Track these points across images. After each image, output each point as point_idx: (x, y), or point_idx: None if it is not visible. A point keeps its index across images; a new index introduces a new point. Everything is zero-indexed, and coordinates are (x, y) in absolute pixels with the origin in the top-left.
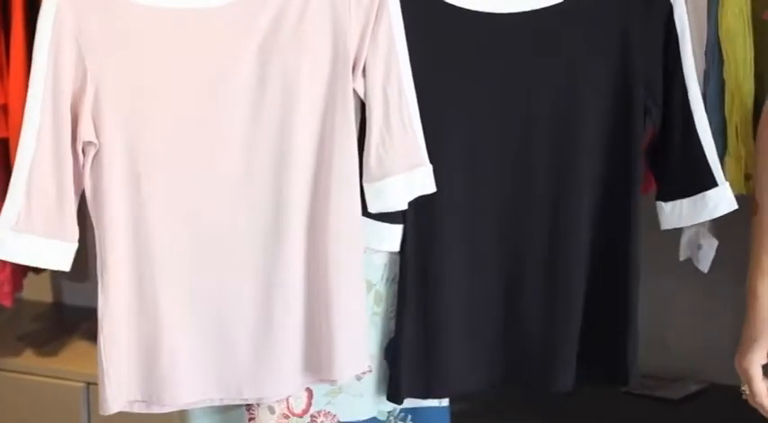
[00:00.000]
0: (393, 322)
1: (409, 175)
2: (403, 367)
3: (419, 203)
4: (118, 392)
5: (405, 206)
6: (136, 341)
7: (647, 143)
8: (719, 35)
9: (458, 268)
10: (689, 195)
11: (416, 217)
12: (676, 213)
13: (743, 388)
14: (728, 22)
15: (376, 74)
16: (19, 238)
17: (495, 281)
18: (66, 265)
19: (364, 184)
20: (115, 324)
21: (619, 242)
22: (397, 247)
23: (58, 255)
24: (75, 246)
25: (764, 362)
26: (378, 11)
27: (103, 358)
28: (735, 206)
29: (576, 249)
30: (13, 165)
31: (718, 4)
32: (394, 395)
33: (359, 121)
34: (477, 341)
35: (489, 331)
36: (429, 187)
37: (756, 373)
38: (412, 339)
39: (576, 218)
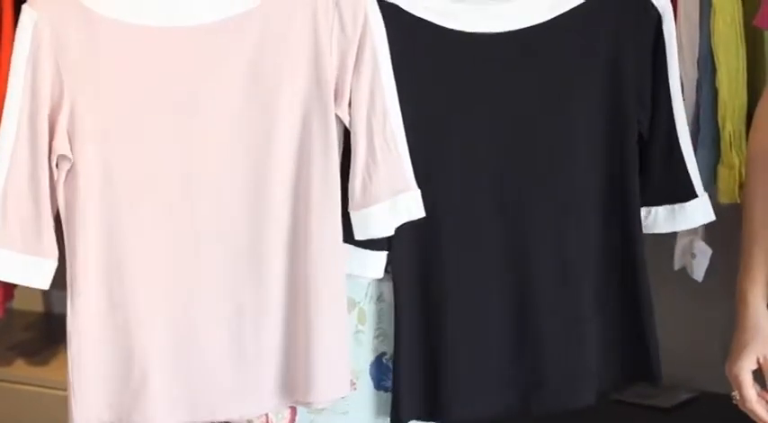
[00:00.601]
0: (378, 340)
1: (394, 200)
2: (403, 391)
3: (417, 226)
4: (87, 413)
5: (391, 232)
6: (106, 360)
7: None
8: (712, 44)
9: (460, 292)
10: (667, 203)
11: (415, 240)
12: (650, 220)
13: (733, 393)
14: (720, 31)
15: (360, 101)
16: None
17: (501, 303)
18: (44, 284)
19: (350, 212)
20: (83, 342)
21: (624, 250)
22: (380, 274)
23: (37, 272)
24: (55, 263)
25: (754, 368)
26: (361, 37)
27: (72, 377)
28: (712, 217)
29: (583, 264)
30: None
31: (710, 13)
32: (394, 420)
33: (341, 146)
34: (485, 365)
35: (498, 355)
36: (416, 212)
37: (746, 379)
38: (411, 364)
39: (580, 234)
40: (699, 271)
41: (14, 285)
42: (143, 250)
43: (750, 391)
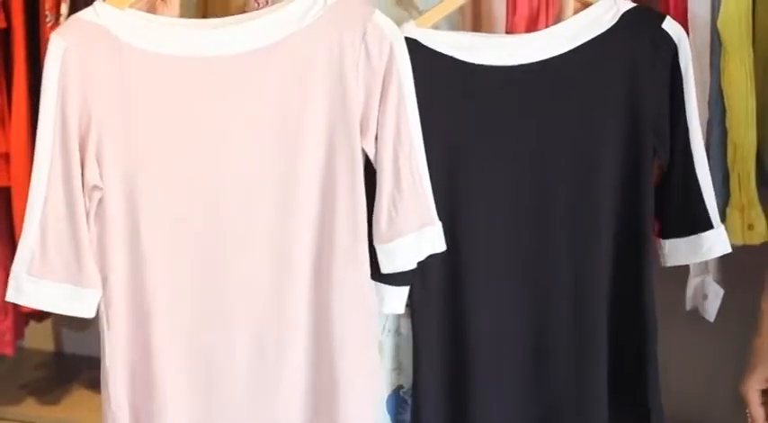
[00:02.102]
0: (395, 374)
1: (419, 234)
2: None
3: (440, 260)
4: None
5: (414, 266)
6: (131, 394)
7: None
8: (722, 85)
9: (482, 325)
10: (685, 235)
11: (437, 274)
12: (674, 252)
13: (747, 410)
14: (731, 72)
15: (387, 133)
16: (36, 284)
17: (520, 335)
18: (89, 312)
19: (375, 246)
20: (119, 374)
21: (634, 290)
22: (401, 310)
23: (80, 301)
24: (99, 291)
25: (763, 387)
26: (387, 69)
27: (108, 407)
28: (729, 249)
29: (597, 303)
30: (14, 213)
31: (721, 54)
32: None
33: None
34: (505, 397)
35: (517, 386)
36: (439, 246)
37: (754, 397)
38: (431, 397)
39: (596, 271)
40: (711, 311)
41: (25, 324)
42: (167, 288)
43: (757, 409)
